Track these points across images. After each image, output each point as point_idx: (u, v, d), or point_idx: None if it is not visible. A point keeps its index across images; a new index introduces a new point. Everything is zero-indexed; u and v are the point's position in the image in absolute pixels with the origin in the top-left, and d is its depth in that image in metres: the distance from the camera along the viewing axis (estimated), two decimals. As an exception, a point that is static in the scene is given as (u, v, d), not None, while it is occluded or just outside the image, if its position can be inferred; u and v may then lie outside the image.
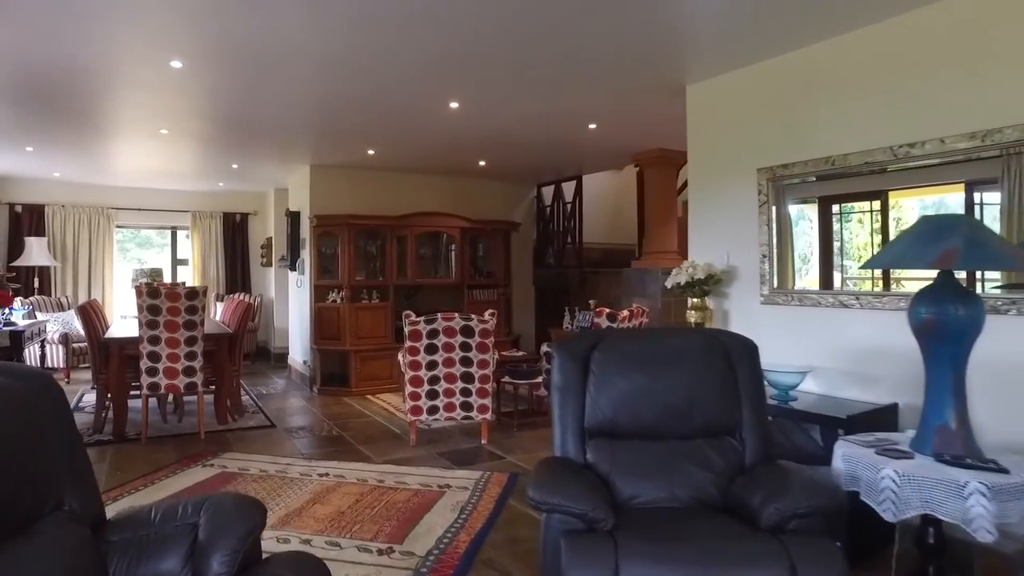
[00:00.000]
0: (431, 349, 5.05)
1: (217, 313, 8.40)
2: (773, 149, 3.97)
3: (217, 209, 10.26)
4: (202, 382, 5.42)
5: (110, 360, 5.48)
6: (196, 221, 10.12)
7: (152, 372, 5.25)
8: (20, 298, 8.46)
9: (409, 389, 5.13)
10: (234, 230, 10.37)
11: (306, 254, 7.88)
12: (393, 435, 5.61)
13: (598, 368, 2.81)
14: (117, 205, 9.66)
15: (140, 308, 5.14)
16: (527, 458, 4.87)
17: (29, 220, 9.16)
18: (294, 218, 8.23)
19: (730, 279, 4.27)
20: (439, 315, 5.02)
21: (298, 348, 8.37)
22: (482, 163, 7.65)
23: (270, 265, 10.09)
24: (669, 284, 4.36)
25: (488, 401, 5.24)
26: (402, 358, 5.25)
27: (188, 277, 10.23)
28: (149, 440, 5.37)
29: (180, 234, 10.45)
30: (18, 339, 6.40)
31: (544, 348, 6.26)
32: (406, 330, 5.03)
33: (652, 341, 2.94)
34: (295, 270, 8.27)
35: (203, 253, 10.15)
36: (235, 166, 7.91)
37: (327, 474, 4.48)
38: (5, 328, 6.45)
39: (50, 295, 9.21)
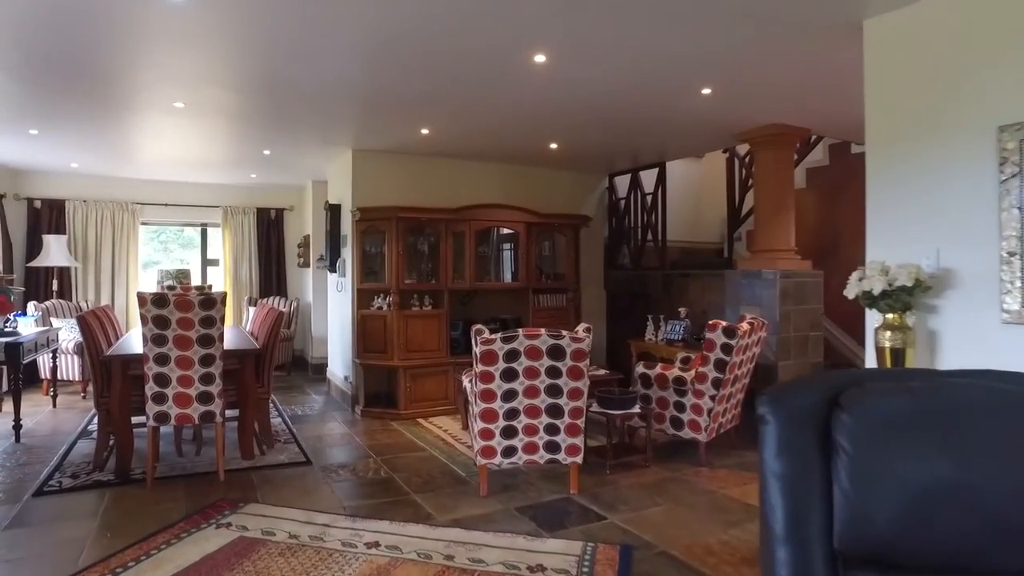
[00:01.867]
0: (509, 375, 3.90)
1: (248, 321, 7.40)
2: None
3: (250, 204, 9.31)
4: (221, 410, 4.37)
5: (112, 381, 4.48)
6: (227, 217, 9.18)
7: (160, 399, 4.22)
8: (34, 302, 7.62)
9: (480, 425, 3.99)
10: (268, 227, 9.41)
11: (347, 253, 6.83)
12: (455, 478, 4.48)
13: (852, 444, 1.59)
14: (142, 200, 8.77)
15: (144, 320, 4.11)
16: (636, 519, 3.69)
17: (49, 216, 8.33)
18: (334, 212, 7.19)
19: (941, 287, 3.02)
20: (521, 332, 3.86)
21: (338, 361, 7.32)
22: (553, 146, 6.48)
23: (307, 266, 9.10)
24: (851, 293, 3.12)
25: (579, 440, 4.07)
26: (470, 385, 4.13)
27: (219, 279, 9.30)
28: (156, 482, 4.34)
29: (210, 232, 9.54)
30: (15, 351, 5.46)
31: (639, 369, 5.05)
32: (477, 350, 3.89)
33: (939, 394, 1.73)
34: (335, 271, 7.22)
35: (235, 253, 9.20)
36: (267, 152, 6.90)
37: (377, 543, 3.36)
38: (1, 339, 5.51)
39: (70, 299, 8.36)
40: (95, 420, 6.11)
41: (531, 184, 7.52)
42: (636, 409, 4.66)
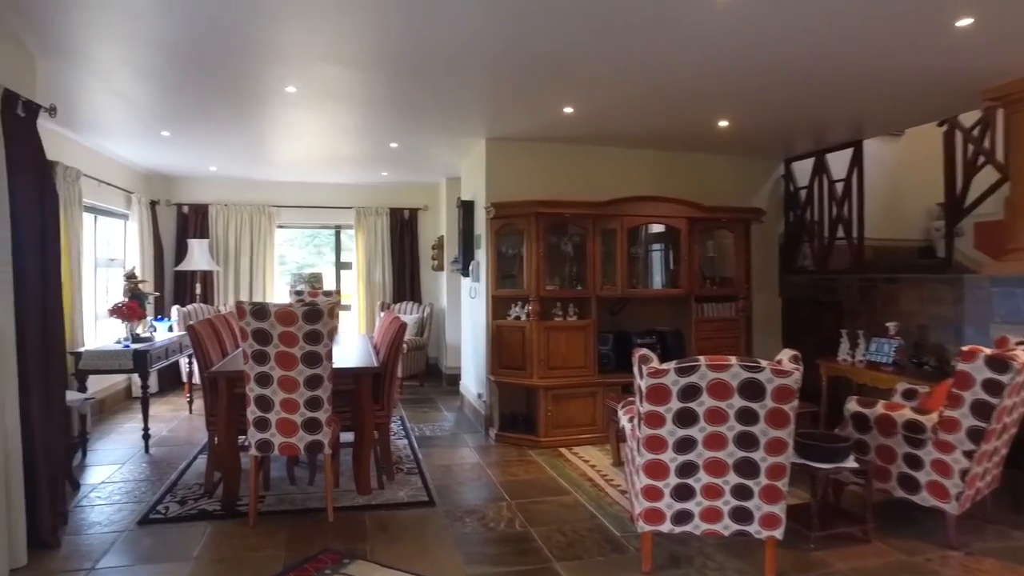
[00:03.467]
0: (686, 418, 2.88)
1: (376, 329, 6.86)
2: None
3: (383, 204, 8.89)
4: (330, 440, 3.71)
5: (218, 399, 3.98)
6: (360, 219, 8.81)
7: (262, 425, 3.63)
8: (177, 306, 7.59)
9: (643, 481, 3.01)
10: (402, 228, 8.94)
11: (481, 255, 6.09)
12: (608, 539, 3.52)
13: None
14: (278, 202, 8.60)
15: (244, 334, 3.54)
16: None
17: (195, 221, 8.37)
18: (466, 209, 6.49)
19: None
20: (703, 361, 2.83)
21: (472, 375, 6.60)
22: (723, 123, 5.34)
23: (442, 269, 8.51)
24: None
25: (780, 509, 2.97)
26: (629, 425, 3.17)
27: (351, 283, 8.97)
28: (261, 518, 3.77)
29: (344, 234, 9.25)
30: (143, 359, 5.21)
31: (854, 407, 3.82)
32: (642, 383, 2.91)
33: None
34: (468, 275, 6.51)
35: (368, 255, 8.82)
36: (394, 145, 6.31)
37: (506, 645, 2.49)
38: (131, 346, 5.29)
39: (212, 302, 8.33)
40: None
41: (690, 173, 6.40)
42: (851, 463, 3.46)
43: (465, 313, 6.96)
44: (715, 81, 4.24)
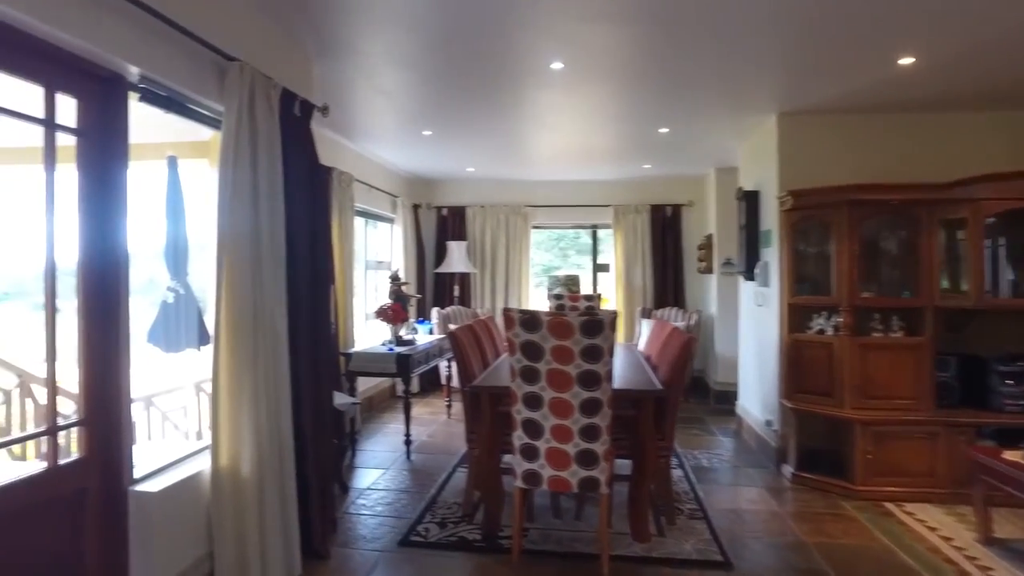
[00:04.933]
0: None
1: (641, 338, 6.16)
2: None
3: (643, 201, 8.16)
4: (608, 478, 3.07)
5: (480, 415, 3.57)
6: (619, 217, 8.19)
7: (530, 454, 3.11)
8: (437, 308, 7.64)
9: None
10: (664, 227, 8.13)
11: (771, 255, 5.07)
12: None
13: None
14: (533, 202, 8.33)
15: (512, 346, 3.04)
16: None
17: (453, 223, 8.44)
18: (750, 201, 5.49)
19: None
20: None
21: (754, 396, 5.59)
22: None
23: (710, 271, 7.55)
24: None
25: None
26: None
27: (609, 286, 8.39)
28: (524, 557, 3.27)
29: (600, 235, 8.71)
30: (405, 363, 5.10)
31: None
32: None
33: None
34: (752, 279, 5.50)
35: (627, 257, 8.16)
36: (663, 130, 5.54)
37: None
38: (395, 349, 5.23)
39: (469, 305, 8.32)
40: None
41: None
42: None
43: (746, 323, 5.94)
44: None
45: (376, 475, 4.67)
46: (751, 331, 5.70)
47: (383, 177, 7.13)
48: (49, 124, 2.18)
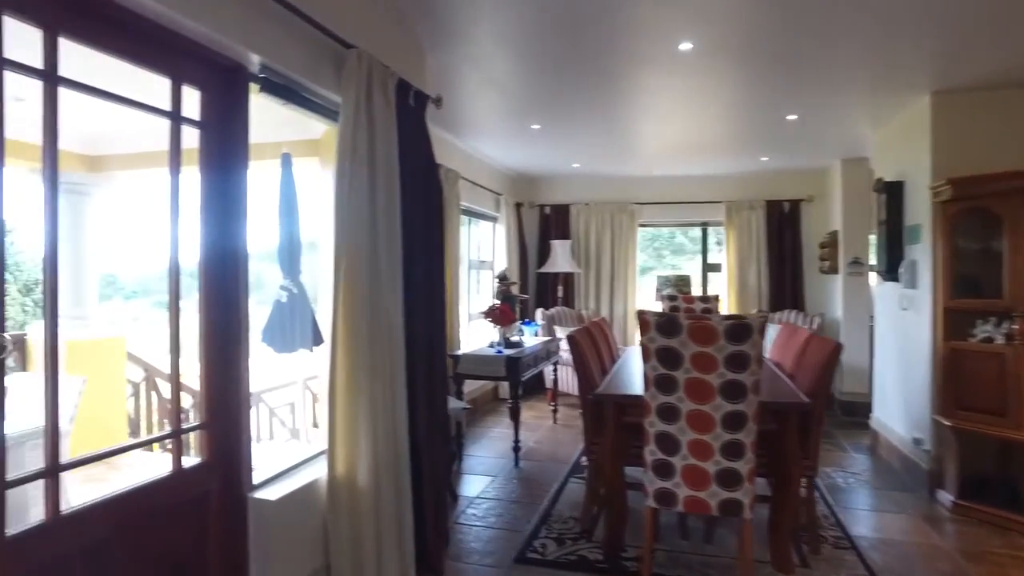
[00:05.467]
0: None
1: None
2: None
3: (758, 196, 7.64)
4: (752, 501, 2.73)
5: (604, 425, 3.30)
6: (731, 214, 7.70)
7: (663, 471, 2.81)
8: (541, 310, 7.43)
9: None
10: (780, 223, 7.57)
11: (919, 252, 4.52)
12: None
13: None
14: (640, 199, 7.97)
15: (647, 352, 2.76)
16: None
17: (556, 222, 8.22)
18: (891, 193, 4.94)
19: None
20: None
21: (897, 411, 5.02)
22: None
23: (835, 271, 6.94)
24: None
25: None
26: None
27: (720, 287, 7.90)
28: (655, 586, 2.98)
29: (711, 233, 8.24)
30: (515, 366, 4.91)
31: None
32: None
33: None
34: (895, 280, 4.94)
35: (740, 255, 7.66)
36: (791, 117, 5.08)
37: None
38: (503, 351, 5.04)
39: (572, 306, 8.07)
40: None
41: None
42: None
43: (885, 328, 5.36)
44: None
45: (484, 483, 4.50)
46: (891, 337, 5.13)
47: (487, 174, 6.98)
48: (175, 117, 2.10)
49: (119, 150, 4.82)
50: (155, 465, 5.11)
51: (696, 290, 8.07)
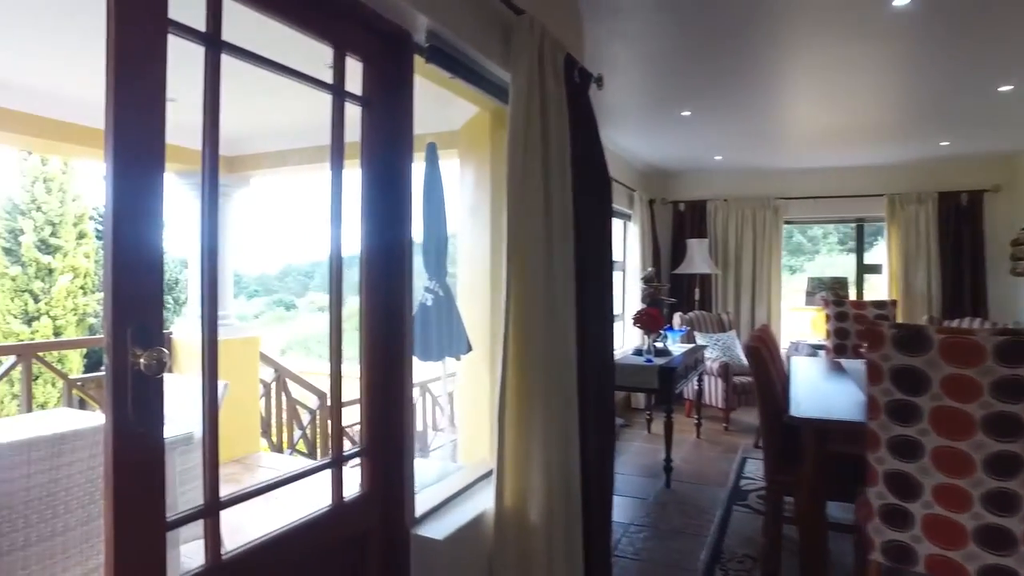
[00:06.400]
0: None
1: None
2: None
3: (927, 188, 6.72)
4: None
5: (800, 454, 2.78)
6: (894, 209, 6.83)
7: (897, 519, 2.26)
8: (679, 314, 6.89)
9: None
10: (957, 219, 6.62)
11: None
12: None
13: None
14: (785, 194, 7.25)
15: (877, 373, 2.22)
16: None
17: (691, 219, 7.63)
18: None
19: None
20: None
21: None
22: None
23: (1030, 273, 5.98)
24: None
25: None
26: None
27: (880, 290, 7.05)
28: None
29: (867, 229, 7.38)
30: (668, 377, 4.43)
31: None
32: None
33: None
34: None
35: (904, 255, 6.77)
36: (1005, 88, 4.28)
37: None
38: (653, 360, 4.58)
39: (710, 309, 7.45)
40: (744, 468, 4.77)
41: None
42: None
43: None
44: None
45: (636, 506, 4.06)
46: None
47: (621, 169, 6.53)
48: (338, 92, 1.81)
49: (252, 150, 4.80)
50: (288, 465, 5.05)
51: (853, 294, 7.24)
